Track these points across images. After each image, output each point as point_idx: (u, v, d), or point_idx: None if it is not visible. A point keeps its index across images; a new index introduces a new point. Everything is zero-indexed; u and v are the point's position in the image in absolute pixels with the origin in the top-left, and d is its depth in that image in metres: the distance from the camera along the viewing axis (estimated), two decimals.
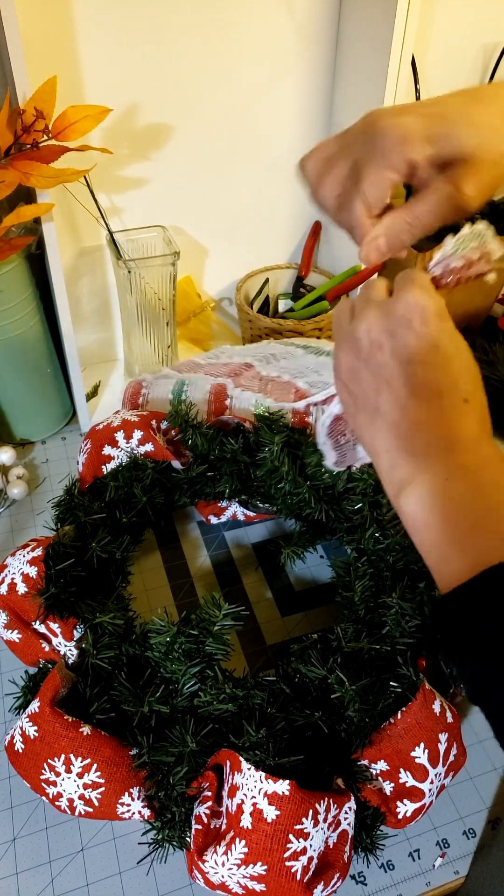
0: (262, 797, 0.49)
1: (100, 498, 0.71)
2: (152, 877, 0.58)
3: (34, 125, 0.71)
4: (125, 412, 0.77)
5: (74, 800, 0.53)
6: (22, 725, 0.56)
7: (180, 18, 0.84)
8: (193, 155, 0.95)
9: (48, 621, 0.61)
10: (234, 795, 0.51)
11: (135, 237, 0.94)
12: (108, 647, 0.59)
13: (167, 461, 0.73)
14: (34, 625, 0.62)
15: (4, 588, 0.64)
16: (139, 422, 0.74)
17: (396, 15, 0.78)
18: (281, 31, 0.90)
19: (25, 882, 0.57)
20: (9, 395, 0.92)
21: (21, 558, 0.65)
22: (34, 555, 0.64)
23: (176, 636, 0.59)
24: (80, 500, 0.70)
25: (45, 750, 0.53)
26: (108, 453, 0.73)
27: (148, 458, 0.73)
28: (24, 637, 0.63)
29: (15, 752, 0.56)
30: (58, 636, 0.61)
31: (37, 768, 0.54)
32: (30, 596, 0.62)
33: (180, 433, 0.75)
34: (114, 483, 0.70)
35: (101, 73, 0.84)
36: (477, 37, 1.00)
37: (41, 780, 0.54)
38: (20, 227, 0.81)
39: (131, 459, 0.72)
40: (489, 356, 1.04)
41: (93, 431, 0.76)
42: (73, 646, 0.61)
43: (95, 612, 0.61)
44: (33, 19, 0.76)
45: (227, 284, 1.11)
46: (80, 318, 1.03)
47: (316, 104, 0.97)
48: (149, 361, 1.00)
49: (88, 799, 0.53)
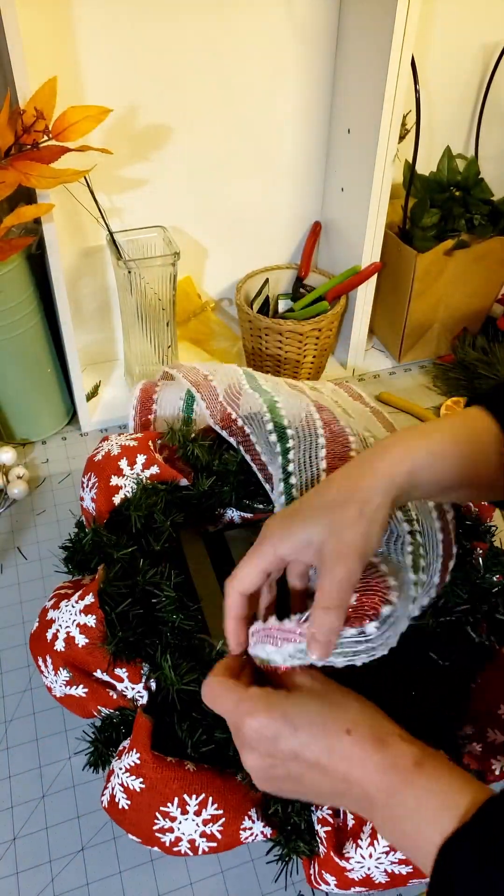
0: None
1: (120, 531, 0.67)
2: (152, 877, 0.58)
3: (34, 125, 0.71)
4: (115, 437, 0.73)
5: (196, 839, 0.51)
6: (122, 781, 0.52)
7: (180, 19, 0.84)
8: (193, 155, 0.95)
9: (115, 668, 0.58)
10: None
11: (135, 237, 0.94)
12: (191, 670, 0.57)
13: (175, 481, 0.71)
14: (96, 674, 0.59)
15: (61, 644, 0.59)
16: (139, 446, 0.71)
17: (396, 15, 0.78)
18: (281, 32, 0.90)
19: (25, 882, 0.57)
20: (9, 394, 0.92)
21: (70, 610, 0.60)
22: (85, 603, 0.59)
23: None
24: (107, 537, 0.66)
25: (155, 798, 0.51)
26: (115, 483, 0.69)
27: (156, 482, 0.70)
28: (90, 690, 0.59)
29: (120, 811, 0.53)
30: (123, 681, 0.58)
31: (149, 820, 0.51)
32: (93, 646, 0.58)
33: (179, 448, 0.74)
34: (136, 513, 0.67)
35: (102, 73, 0.84)
36: (477, 37, 1.00)
37: (154, 830, 0.51)
38: (20, 227, 0.81)
39: (140, 486, 0.68)
40: (489, 356, 1.04)
41: (93, 464, 0.71)
42: (142, 687, 0.58)
43: (161, 646, 0.59)
44: (34, 19, 0.76)
45: (227, 284, 1.11)
46: (81, 318, 1.03)
47: (316, 104, 0.97)
48: (149, 361, 1.00)
49: (210, 834, 0.51)
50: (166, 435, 0.75)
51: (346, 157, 0.98)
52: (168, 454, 0.74)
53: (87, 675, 0.59)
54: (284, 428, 0.71)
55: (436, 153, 1.03)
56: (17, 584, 0.79)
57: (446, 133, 1.08)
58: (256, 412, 0.75)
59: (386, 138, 0.88)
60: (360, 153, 0.93)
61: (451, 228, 1.00)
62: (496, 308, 1.14)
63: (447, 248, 0.99)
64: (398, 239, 1.00)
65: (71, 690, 0.59)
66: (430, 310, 1.06)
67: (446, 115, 1.06)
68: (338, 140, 0.99)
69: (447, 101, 1.05)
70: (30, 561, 0.82)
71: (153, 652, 0.58)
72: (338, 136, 0.98)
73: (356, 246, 1.00)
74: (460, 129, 1.09)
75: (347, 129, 0.95)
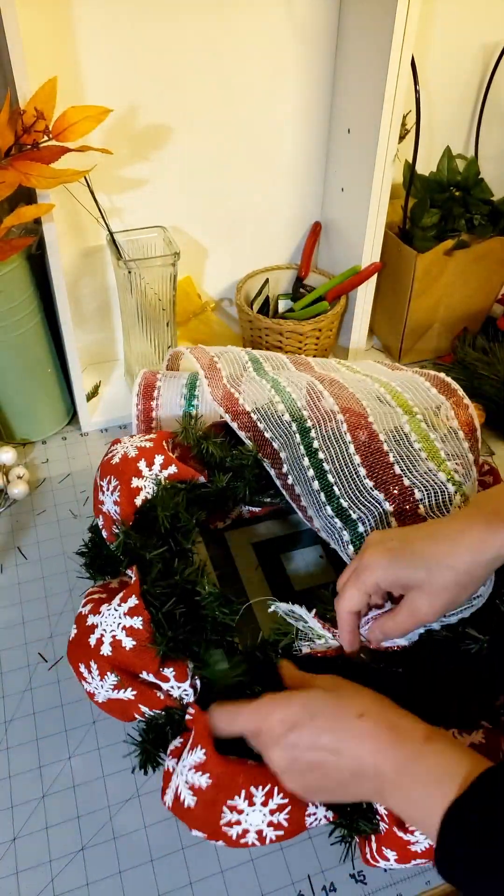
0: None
1: (147, 531, 0.67)
2: (152, 877, 0.58)
3: (34, 126, 0.71)
4: (127, 439, 0.73)
5: (263, 829, 0.52)
6: (188, 780, 0.53)
7: (180, 19, 0.84)
8: (193, 155, 0.95)
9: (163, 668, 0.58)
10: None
11: (135, 237, 0.94)
12: (235, 665, 0.59)
13: (194, 479, 0.71)
14: (142, 676, 0.59)
15: (107, 648, 0.58)
16: (155, 446, 0.71)
17: (396, 15, 0.78)
18: (281, 32, 0.90)
19: (25, 882, 0.57)
20: (9, 394, 0.92)
21: (114, 613, 0.59)
22: (129, 605, 0.59)
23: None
24: (136, 538, 0.66)
25: (222, 793, 0.52)
26: (136, 485, 0.69)
27: (175, 481, 0.70)
28: (139, 692, 0.59)
29: (186, 809, 0.53)
30: (170, 680, 0.58)
31: (215, 815, 0.52)
32: (141, 648, 0.58)
33: (194, 447, 0.74)
34: (164, 513, 0.67)
35: (102, 73, 0.84)
36: (477, 37, 1.00)
37: (221, 825, 0.52)
38: (21, 227, 0.81)
39: (160, 486, 0.69)
40: (489, 356, 1.04)
41: (111, 467, 0.71)
42: (188, 685, 0.58)
43: (205, 643, 0.59)
44: (34, 19, 0.76)
45: (227, 285, 1.11)
46: (81, 318, 1.03)
47: (316, 104, 0.97)
48: (149, 361, 1.00)
49: (277, 823, 0.52)
50: (180, 434, 0.75)
51: (346, 157, 0.98)
52: (181, 453, 0.74)
53: (134, 678, 0.59)
54: (300, 410, 0.73)
55: (436, 153, 1.03)
56: (17, 584, 0.79)
57: (446, 133, 1.08)
58: (266, 402, 0.75)
59: (386, 138, 0.88)
60: (360, 153, 0.93)
61: (451, 228, 1.00)
62: (496, 308, 1.14)
63: (447, 248, 0.99)
64: (398, 239, 1.00)
65: (117, 694, 0.59)
66: (430, 310, 1.06)
67: (446, 115, 1.06)
68: (338, 140, 0.99)
69: (447, 101, 1.05)
70: (30, 561, 0.82)
71: (197, 649, 0.59)
72: (338, 136, 0.98)
73: (356, 246, 1.00)
74: (460, 129, 1.09)
75: (347, 129, 0.95)
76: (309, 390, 0.75)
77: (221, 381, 0.79)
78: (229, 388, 0.78)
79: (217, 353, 0.84)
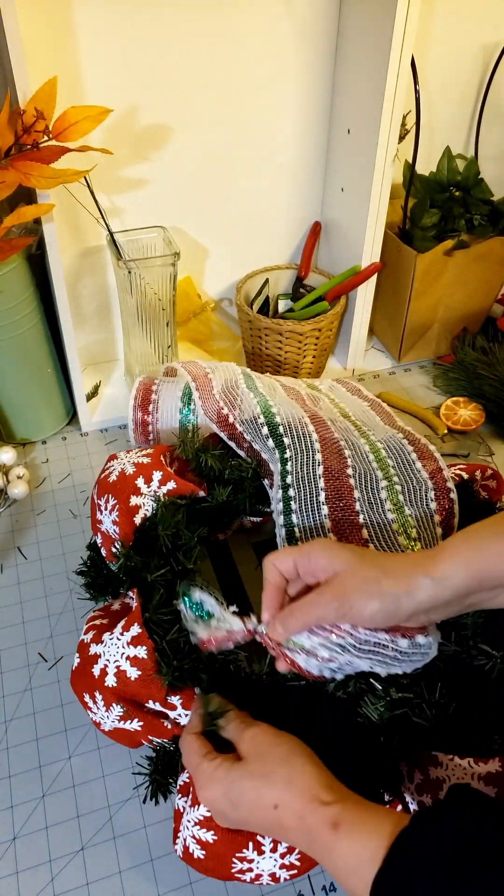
0: (477, 781, 0.50)
1: (148, 551, 0.65)
2: (152, 877, 0.58)
3: (34, 126, 0.71)
4: (124, 455, 0.71)
5: (276, 872, 0.52)
6: (193, 834, 0.52)
7: (180, 19, 0.84)
8: (193, 155, 0.95)
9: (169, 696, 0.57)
10: (442, 788, 0.51)
11: (135, 237, 0.94)
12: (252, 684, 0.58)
13: (194, 494, 0.70)
14: (148, 705, 0.58)
15: (112, 680, 0.57)
16: (152, 462, 0.70)
17: (396, 15, 0.78)
18: (281, 32, 0.90)
19: (25, 882, 0.57)
20: (9, 394, 0.92)
21: (116, 643, 0.58)
22: (132, 634, 0.58)
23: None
24: (136, 560, 0.64)
25: (229, 847, 0.51)
26: (135, 503, 0.67)
27: (175, 497, 0.68)
28: (145, 723, 0.57)
29: (196, 860, 0.52)
30: (177, 708, 0.57)
31: (226, 866, 0.51)
32: (147, 678, 0.56)
33: (192, 461, 0.73)
34: (165, 532, 0.65)
35: (102, 73, 0.84)
36: (477, 37, 1.00)
37: (233, 872, 0.52)
38: (21, 227, 0.81)
39: (160, 503, 0.67)
40: (489, 356, 1.04)
41: (109, 485, 0.68)
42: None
43: (207, 677, 0.58)
44: (34, 20, 0.76)
45: (227, 285, 1.11)
46: (81, 319, 1.03)
47: (316, 104, 0.97)
48: (149, 361, 1.00)
49: (290, 864, 0.51)
50: (178, 447, 0.74)
51: (346, 157, 0.98)
52: (179, 466, 0.73)
53: (140, 708, 0.58)
54: (281, 436, 0.72)
55: (436, 153, 1.03)
56: (17, 584, 0.79)
57: (446, 133, 1.08)
58: (253, 417, 0.75)
59: (386, 138, 0.88)
60: (360, 153, 0.93)
61: (451, 228, 1.00)
62: (496, 308, 1.14)
63: (447, 249, 0.99)
64: (398, 239, 1.00)
65: (124, 725, 0.58)
66: (430, 310, 1.06)
67: (446, 115, 1.06)
68: (338, 140, 0.99)
69: (447, 101, 1.05)
70: (30, 561, 0.82)
71: (204, 676, 0.57)
72: (338, 136, 0.98)
73: (356, 246, 1.00)
74: (460, 129, 1.09)
75: (347, 129, 0.95)
76: (296, 424, 0.74)
77: (212, 389, 0.79)
78: (217, 395, 0.78)
79: (210, 368, 0.83)
